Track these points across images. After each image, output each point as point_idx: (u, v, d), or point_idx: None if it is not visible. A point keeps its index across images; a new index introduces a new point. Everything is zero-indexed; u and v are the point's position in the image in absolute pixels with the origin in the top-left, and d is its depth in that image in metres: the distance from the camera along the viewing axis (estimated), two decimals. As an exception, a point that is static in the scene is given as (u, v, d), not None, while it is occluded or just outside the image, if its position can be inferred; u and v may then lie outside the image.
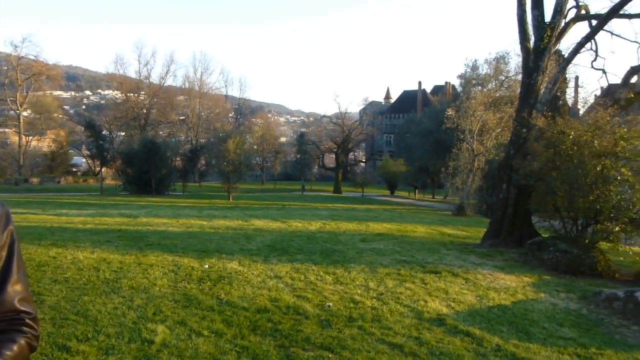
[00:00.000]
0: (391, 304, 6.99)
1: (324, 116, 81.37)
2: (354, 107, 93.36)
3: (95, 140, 53.88)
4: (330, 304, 6.74)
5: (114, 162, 50.98)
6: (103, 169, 59.42)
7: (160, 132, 74.35)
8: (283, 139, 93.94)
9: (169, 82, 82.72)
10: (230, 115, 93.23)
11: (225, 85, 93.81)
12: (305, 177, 70.23)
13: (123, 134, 74.53)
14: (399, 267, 9.67)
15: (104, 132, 61.42)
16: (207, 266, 8.76)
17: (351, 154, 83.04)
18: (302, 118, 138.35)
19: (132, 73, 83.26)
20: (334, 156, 67.61)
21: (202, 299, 6.62)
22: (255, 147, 70.81)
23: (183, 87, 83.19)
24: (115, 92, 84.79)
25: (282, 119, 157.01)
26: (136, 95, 75.97)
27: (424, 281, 8.56)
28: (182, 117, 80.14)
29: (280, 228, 15.61)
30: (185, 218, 17.67)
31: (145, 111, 75.85)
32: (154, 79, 79.98)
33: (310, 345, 5.18)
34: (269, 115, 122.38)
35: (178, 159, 53.81)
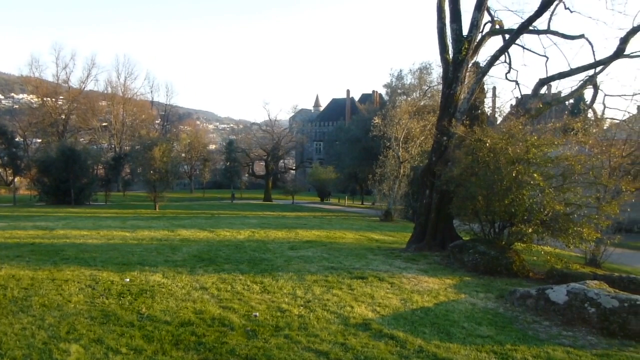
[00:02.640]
0: (318, 311, 7.01)
1: (253, 124, 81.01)
2: (284, 115, 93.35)
3: (7, 148, 50.28)
4: (257, 314, 6.66)
5: (28, 170, 47.79)
6: (16, 179, 55.56)
7: (81, 139, 70.67)
8: (212, 147, 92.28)
9: (90, 86, 79.12)
10: (156, 122, 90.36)
11: (151, 91, 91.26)
12: (235, 185, 69.33)
13: (39, 140, 70.13)
14: (326, 273, 9.73)
15: (17, 139, 57.45)
16: (128, 280, 8.39)
17: (281, 161, 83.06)
18: (232, 125, 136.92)
19: (49, 76, 78.92)
20: (264, 164, 67.28)
21: (121, 315, 6.33)
22: (183, 154, 69.28)
23: (105, 92, 79.54)
24: (31, 96, 79.53)
25: (211, 126, 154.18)
26: (54, 99, 71.71)
27: (350, 287, 8.66)
28: (104, 124, 76.63)
29: (208, 237, 15.29)
30: (106, 229, 16.88)
31: (63, 117, 71.81)
32: (74, 83, 76.14)
33: (234, 357, 5.09)
34: (198, 122, 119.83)
35: (100, 167, 51.49)
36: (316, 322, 6.49)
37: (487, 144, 12.20)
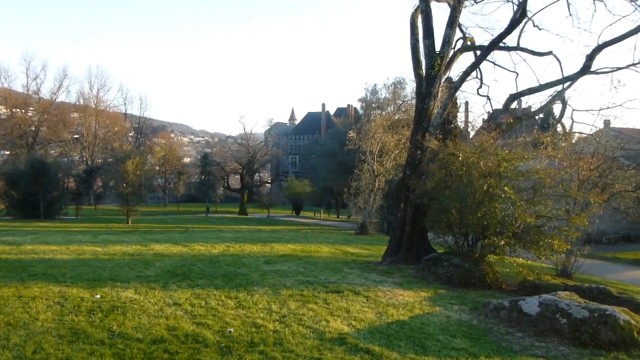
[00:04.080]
0: (294, 326, 6.96)
1: (229, 137, 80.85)
2: (259, 128, 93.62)
3: (-27, 161, 48.97)
4: (232, 330, 6.58)
5: (-5, 183, 46.53)
6: (-18, 193, 53.96)
7: (51, 152, 69.26)
8: (187, 160, 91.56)
9: (62, 97, 77.62)
10: (129, 134, 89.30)
11: (125, 103, 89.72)
12: (209, 198, 68.84)
13: (7, 152, 68.44)
14: (302, 288, 9.68)
15: (-17, 152, 56.01)
16: (98, 296, 8.19)
17: (257, 174, 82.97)
18: (207, 138, 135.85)
19: (18, 87, 77.15)
20: (239, 177, 67.05)
21: (91, 333, 6.17)
22: (156, 167, 68.34)
23: (77, 103, 78.24)
24: (-1, 107, 77.82)
25: (185, 139, 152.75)
26: (23, 111, 70.10)
27: (326, 301, 8.64)
28: (76, 136, 75.29)
29: (182, 252, 15.07)
30: (77, 244, 16.47)
31: (33, 128, 70.24)
32: (45, 94, 74.74)
33: (208, 374, 5.00)
34: (172, 135, 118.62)
35: (71, 180, 50.43)
36: (291, 337, 6.44)
37: (460, 158, 12.40)
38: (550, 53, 15.16)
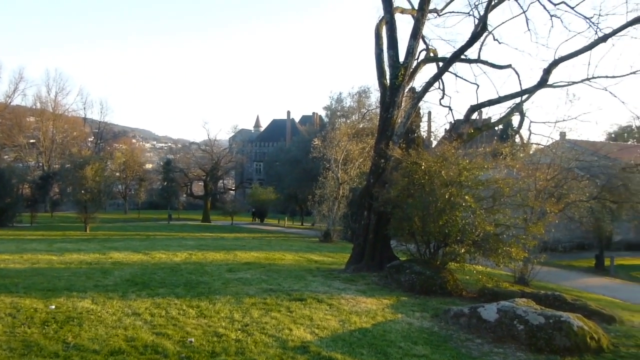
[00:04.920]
0: (256, 334, 6.89)
1: (192, 143, 79.73)
2: (224, 135, 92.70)
3: None
4: (192, 340, 6.46)
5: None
6: None
7: (5, 157, 66.75)
8: (149, 166, 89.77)
9: (17, 101, 74.77)
10: (89, 139, 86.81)
11: (84, 108, 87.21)
12: (172, 205, 67.71)
13: (-43, 157, 65.58)
14: (265, 296, 9.61)
15: None
16: (53, 307, 7.90)
17: (220, 181, 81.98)
18: (170, 144, 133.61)
19: (-31, 89, 73.93)
20: (203, 184, 66.13)
21: (45, 345, 5.95)
22: (117, 174, 66.87)
23: (34, 107, 75.69)
24: (-51, 110, 74.39)
25: (148, 145, 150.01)
26: (-25, 114, 67.49)
27: (289, 309, 8.59)
28: (32, 141, 72.72)
29: (142, 260, 14.73)
30: (31, 253, 15.89)
31: (-15, 133, 67.58)
32: (-1, 97, 71.92)
33: (168, 386, 4.89)
34: (134, 140, 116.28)
35: (26, 186, 48.73)
36: (254, 346, 6.38)
37: (423, 167, 12.60)
38: (509, 66, 15.65)
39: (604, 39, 13.25)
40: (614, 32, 13.11)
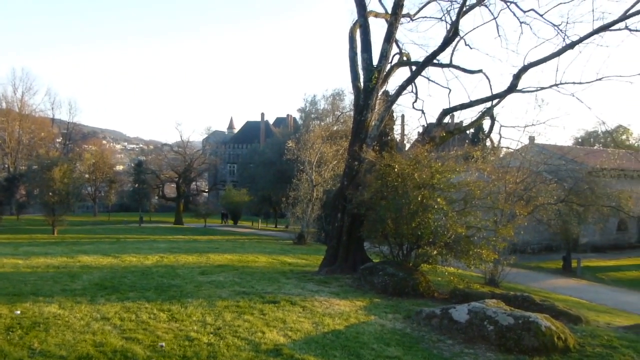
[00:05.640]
0: (228, 338, 6.83)
1: (164, 144, 78.63)
2: (197, 136, 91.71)
3: None
4: (163, 344, 6.36)
5: None
6: None
7: (-32, 158, 64.70)
8: (119, 168, 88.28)
9: (-19, 100, 72.62)
10: (57, 140, 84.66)
11: (52, 108, 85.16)
12: (143, 208, 66.64)
13: None
14: (238, 299, 9.54)
15: None
16: (18, 312, 7.68)
17: (193, 183, 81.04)
18: (141, 146, 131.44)
19: None
20: (175, 186, 65.32)
21: (9, 351, 5.77)
22: (86, 175, 65.52)
23: (-1, 107, 73.56)
24: None
25: (118, 146, 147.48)
26: (-64, 114, 65.15)
27: (262, 312, 8.55)
28: (-4, 141, 70.68)
29: (112, 264, 14.46)
30: (-5, 256, 15.42)
31: (-52, 133, 65.34)
32: (-39, 97, 69.66)
33: (138, 391, 4.81)
34: (104, 141, 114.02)
35: (-10, 188, 47.15)
36: (226, 350, 6.32)
37: (396, 170, 12.71)
38: (480, 71, 15.93)
39: (571, 46, 13.60)
40: (581, 40, 13.47)
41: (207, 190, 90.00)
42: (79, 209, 71.61)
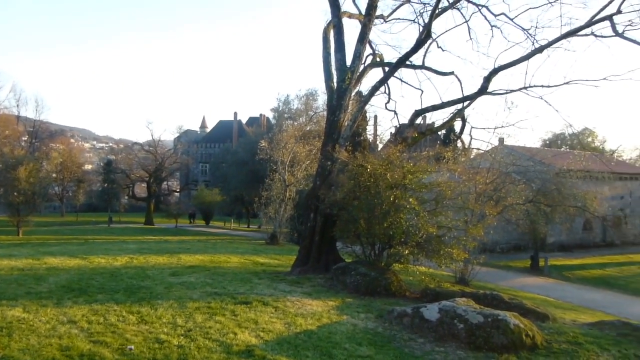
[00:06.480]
0: (199, 340, 6.75)
1: (135, 143, 77.25)
2: (168, 135, 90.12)
3: None
4: (132, 347, 6.24)
5: None
6: None
7: None
8: (88, 167, 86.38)
9: (-59, 96, 70.26)
10: (23, 138, 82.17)
11: (18, 105, 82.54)
12: (113, 208, 65.50)
13: None
14: (209, 300, 9.43)
15: None
16: (-20, 315, 7.44)
17: (165, 183, 80.00)
18: (111, 144, 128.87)
19: None
20: (146, 185, 64.31)
21: (-31, 355, 5.58)
22: (53, 175, 63.99)
23: (-40, 104, 71.18)
24: None
25: (87, 145, 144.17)
26: None
27: (234, 313, 8.47)
28: (-42, 139, 68.30)
29: (80, 265, 14.11)
30: (-44, 258, 14.89)
31: None
32: None
33: (105, 395, 4.70)
34: (72, 140, 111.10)
35: (-48, 187, 45.58)
36: (197, 352, 6.24)
37: (368, 170, 12.77)
38: (452, 73, 16.13)
39: (540, 50, 13.90)
40: (549, 44, 13.77)
41: (178, 190, 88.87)
42: (46, 209, 69.89)
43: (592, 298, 20.19)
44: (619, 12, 12.42)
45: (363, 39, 15.06)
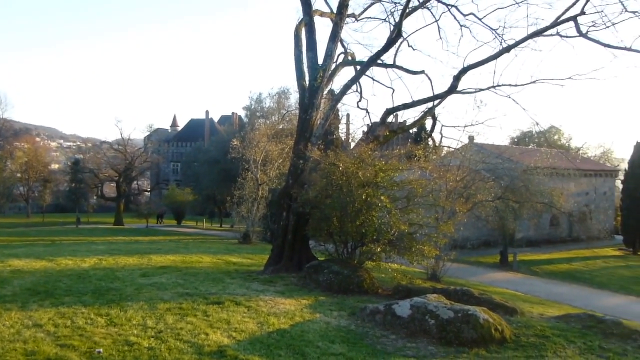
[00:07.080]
0: (170, 341, 6.66)
1: (103, 142, 75.68)
2: (138, 134, 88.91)
3: None
4: (101, 350, 6.12)
5: None
6: None
7: None
8: (55, 166, 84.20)
9: None
10: (-14, 138, 79.85)
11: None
12: (81, 208, 64.09)
13: None
14: (181, 300, 9.32)
15: None
16: (-61, 321, 7.19)
17: (135, 182, 78.64)
18: (79, 143, 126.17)
19: None
20: (115, 185, 63.13)
21: None
22: (18, 175, 62.26)
23: None
24: None
25: (54, 144, 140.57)
26: None
27: (206, 313, 8.40)
28: None
29: (46, 267, 13.76)
30: None
31: None
32: None
33: (72, 400, 4.60)
34: (38, 138, 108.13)
35: None
36: (168, 353, 6.16)
37: (341, 168, 12.80)
38: (422, 72, 16.28)
39: (507, 49, 14.15)
40: (517, 44, 14.04)
41: (149, 189, 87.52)
42: (10, 210, 68.02)
43: (559, 292, 20.72)
44: (582, 13, 12.73)
45: (335, 37, 15.08)
